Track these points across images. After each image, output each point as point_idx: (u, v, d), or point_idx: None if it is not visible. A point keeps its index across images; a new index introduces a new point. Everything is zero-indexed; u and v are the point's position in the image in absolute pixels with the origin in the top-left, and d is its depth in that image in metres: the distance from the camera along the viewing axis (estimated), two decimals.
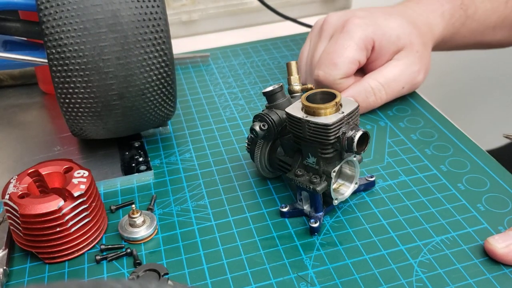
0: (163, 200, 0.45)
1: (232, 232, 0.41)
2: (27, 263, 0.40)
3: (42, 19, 0.40)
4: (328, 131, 0.37)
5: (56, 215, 0.38)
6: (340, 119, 0.38)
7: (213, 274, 0.38)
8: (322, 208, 0.41)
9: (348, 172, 0.43)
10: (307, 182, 0.40)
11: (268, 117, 0.41)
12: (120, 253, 0.40)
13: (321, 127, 0.37)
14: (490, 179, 0.45)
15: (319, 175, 0.40)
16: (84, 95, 0.42)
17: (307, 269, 0.38)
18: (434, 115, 0.54)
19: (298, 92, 0.44)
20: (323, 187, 0.40)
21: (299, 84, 0.44)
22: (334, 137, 0.37)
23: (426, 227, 0.41)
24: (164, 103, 0.46)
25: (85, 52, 0.40)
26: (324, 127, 0.37)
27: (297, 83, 0.44)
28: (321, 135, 0.38)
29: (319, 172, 0.40)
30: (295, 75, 0.44)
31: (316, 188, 0.39)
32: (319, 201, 0.41)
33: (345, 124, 0.38)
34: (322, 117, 0.38)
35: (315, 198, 0.41)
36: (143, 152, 0.50)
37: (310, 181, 0.40)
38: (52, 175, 0.41)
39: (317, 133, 0.38)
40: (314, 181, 0.40)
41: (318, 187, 0.39)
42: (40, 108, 0.59)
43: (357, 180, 0.42)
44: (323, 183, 0.40)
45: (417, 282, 0.36)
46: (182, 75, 0.65)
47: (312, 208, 0.41)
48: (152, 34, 0.42)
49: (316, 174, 0.40)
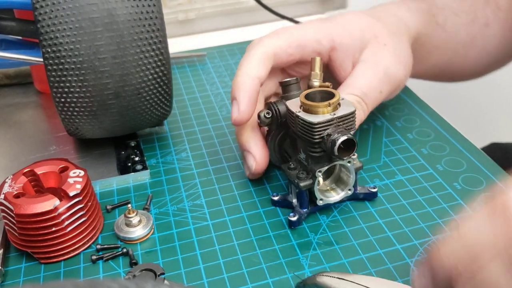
0: (159, 199, 0.45)
1: (228, 231, 0.41)
2: (23, 263, 0.40)
3: (37, 18, 0.40)
4: (313, 130, 0.37)
5: (52, 215, 0.38)
6: (328, 120, 0.37)
7: (209, 273, 0.38)
8: (308, 205, 0.41)
9: (345, 178, 0.42)
10: (295, 177, 0.40)
11: (274, 106, 0.42)
12: (116, 253, 0.40)
13: (307, 125, 0.38)
14: (486, 179, 0.45)
15: (307, 172, 0.40)
16: (80, 94, 0.42)
17: (304, 269, 0.38)
18: (430, 115, 0.54)
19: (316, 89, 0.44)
20: (307, 184, 0.40)
21: (318, 80, 0.43)
22: (319, 137, 0.38)
23: (423, 226, 0.41)
24: (160, 102, 0.46)
25: (80, 51, 0.40)
26: (309, 125, 0.38)
27: (317, 79, 0.43)
28: (307, 133, 0.38)
29: (307, 169, 0.40)
30: (316, 71, 0.43)
31: (300, 183, 0.40)
32: (304, 197, 0.41)
33: (334, 126, 0.38)
34: (312, 115, 0.38)
35: (300, 193, 0.41)
36: (139, 151, 0.50)
37: (297, 176, 0.40)
38: (48, 174, 0.41)
39: (304, 130, 0.38)
40: (300, 177, 0.40)
41: (302, 182, 0.40)
42: (35, 107, 0.59)
43: (350, 188, 0.42)
44: (308, 180, 0.40)
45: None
46: (179, 74, 0.65)
47: (298, 202, 0.42)
48: (148, 33, 0.42)
49: (304, 170, 0.41)
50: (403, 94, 0.58)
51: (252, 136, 0.44)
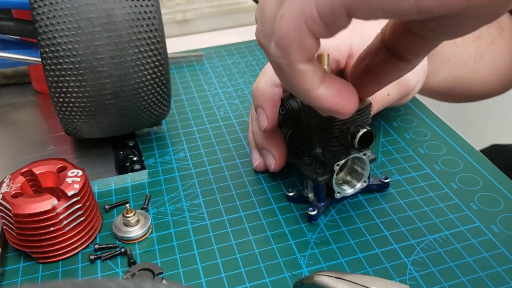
0: (157, 199, 0.45)
1: (226, 231, 0.42)
2: (21, 263, 0.40)
3: (35, 17, 0.40)
4: (332, 124, 0.38)
5: (50, 215, 0.38)
6: None
7: (207, 273, 0.38)
8: (325, 199, 0.42)
9: (359, 170, 0.43)
10: (311, 172, 0.41)
11: (287, 103, 0.43)
12: (114, 253, 0.40)
13: (325, 119, 0.38)
14: (483, 178, 0.45)
15: (324, 166, 0.41)
16: (78, 94, 0.42)
17: (301, 268, 0.38)
18: (427, 115, 0.54)
19: None
20: (324, 179, 0.40)
21: None
22: (338, 130, 0.38)
23: (420, 225, 0.41)
24: (159, 102, 0.46)
25: (79, 51, 0.40)
26: (328, 119, 0.38)
27: None
28: (326, 127, 0.39)
29: (324, 163, 0.41)
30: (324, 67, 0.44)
31: (318, 178, 0.40)
32: (322, 191, 0.42)
33: (351, 119, 0.38)
34: None
35: (318, 188, 0.42)
36: (137, 151, 0.50)
37: (314, 171, 0.41)
38: (46, 174, 0.41)
39: (322, 125, 0.39)
40: (317, 171, 0.41)
41: (320, 177, 0.40)
42: (33, 107, 0.59)
43: (365, 179, 0.42)
44: (326, 174, 0.40)
45: (410, 280, 0.37)
46: (177, 74, 0.65)
47: (315, 197, 0.42)
48: (147, 33, 0.42)
49: (321, 165, 0.41)
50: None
51: (272, 135, 0.45)
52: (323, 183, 0.41)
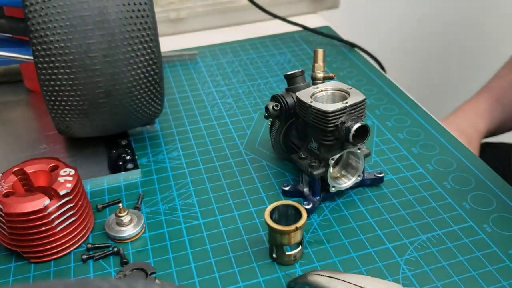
0: (150, 198, 0.45)
1: (219, 230, 0.41)
2: (12, 263, 0.40)
3: (27, 15, 0.39)
4: (327, 118, 0.38)
5: (42, 214, 0.37)
6: (341, 109, 0.38)
7: (200, 272, 0.38)
8: (320, 193, 0.42)
9: (354, 164, 0.43)
10: (307, 166, 0.41)
11: (282, 98, 0.43)
12: (107, 252, 0.39)
13: (321, 114, 0.39)
14: (475, 178, 0.46)
15: (319, 160, 0.41)
16: (71, 92, 0.42)
17: (295, 268, 0.38)
18: (420, 114, 0.55)
19: (320, 80, 0.45)
20: (320, 173, 0.41)
21: (322, 72, 0.45)
22: (333, 125, 0.38)
23: (413, 225, 0.41)
24: (152, 101, 0.46)
25: (71, 49, 0.40)
26: (324, 114, 0.38)
27: (320, 70, 0.45)
28: (321, 122, 0.39)
29: (319, 157, 0.41)
30: (319, 63, 0.45)
31: (313, 172, 0.41)
32: (317, 185, 0.42)
33: (347, 114, 0.39)
34: (325, 104, 0.39)
35: (313, 182, 0.42)
36: (130, 150, 0.50)
37: (310, 165, 0.41)
38: (38, 173, 0.41)
39: (318, 119, 0.39)
40: (312, 166, 0.41)
41: (315, 171, 0.41)
42: (25, 105, 0.58)
43: (360, 173, 0.43)
44: (321, 168, 0.41)
45: (403, 279, 0.37)
46: (170, 73, 0.64)
47: (310, 191, 0.42)
48: (140, 31, 0.41)
49: (316, 159, 0.41)
50: (394, 94, 0.58)
51: None
52: (318, 177, 0.41)
